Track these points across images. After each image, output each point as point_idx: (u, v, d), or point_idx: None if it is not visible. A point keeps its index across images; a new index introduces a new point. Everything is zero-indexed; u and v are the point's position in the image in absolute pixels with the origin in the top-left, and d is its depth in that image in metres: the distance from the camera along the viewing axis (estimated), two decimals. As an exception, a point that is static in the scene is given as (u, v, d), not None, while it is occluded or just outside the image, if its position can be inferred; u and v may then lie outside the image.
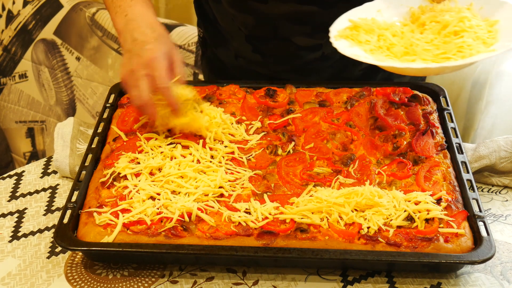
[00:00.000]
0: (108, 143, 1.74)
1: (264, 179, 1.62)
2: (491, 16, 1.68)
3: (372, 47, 1.67)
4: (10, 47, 3.05)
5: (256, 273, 1.52)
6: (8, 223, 1.68)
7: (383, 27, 1.71)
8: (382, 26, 1.71)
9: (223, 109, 1.81)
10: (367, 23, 1.71)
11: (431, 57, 1.61)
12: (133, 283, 1.50)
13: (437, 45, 1.64)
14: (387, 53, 1.66)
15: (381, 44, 1.67)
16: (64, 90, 2.96)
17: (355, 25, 1.71)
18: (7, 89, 3.07)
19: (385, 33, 1.69)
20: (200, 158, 1.65)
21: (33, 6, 3.02)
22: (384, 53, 1.66)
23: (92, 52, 2.89)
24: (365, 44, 1.67)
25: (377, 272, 1.52)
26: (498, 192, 1.74)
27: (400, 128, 1.73)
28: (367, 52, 1.65)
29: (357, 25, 1.70)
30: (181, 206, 1.51)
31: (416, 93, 1.84)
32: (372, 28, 1.69)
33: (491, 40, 1.63)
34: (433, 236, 1.45)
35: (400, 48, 1.65)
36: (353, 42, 1.68)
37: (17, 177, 1.83)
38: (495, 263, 1.53)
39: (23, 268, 1.56)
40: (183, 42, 2.72)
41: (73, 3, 2.97)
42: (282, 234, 1.47)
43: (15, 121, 3.09)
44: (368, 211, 1.50)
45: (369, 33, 1.69)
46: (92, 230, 1.49)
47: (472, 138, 2.32)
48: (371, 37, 1.69)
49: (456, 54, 1.60)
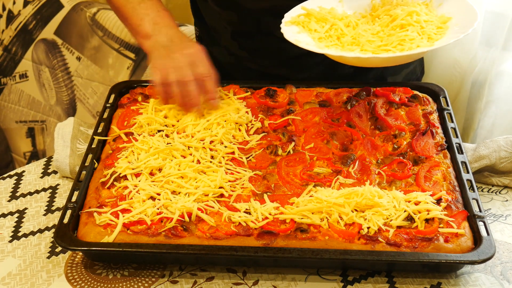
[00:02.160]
0: (108, 143, 1.74)
1: (264, 179, 1.62)
2: (448, 13, 1.71)
3: (321, 36, 1.70)
4: (11, 47, 3.05)
5: (256, 273, 1.52)
6: (8, 223, 1.68)
7: (337, 17, 1.74)
8: (338, 16, 1.74)
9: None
10: (321, 12, 1.74)
11: (372, 48, 1.64)
12: (133, 283, 1.50)
13: (382, 37, 1.68)
14: (335, 42, 1.69)
15: (332, 33, 1.71)
16: (64, 90, 2.96)
17: (308, 13, 1.74)
18: (7, 89, 3.07)
19: (338, 23, 1.72)
20: (200, 158, 1.65)
21: (34, 6, 3.02)
22: (332, 42, 1.69)
23: (92, 52, 2.89)
24: (315, 32, 1.71)
25: (377, 272, 1.52)
26: (498, 192, 1.74)
27: (400, 128, 1.73)
28: (314, 40, 1.68)
29: (309, 13, 1.74)
30: (181, 206, 1.51)
31: (416, 93, 1.84)
32: (325, 18, 1.73)
33: (438, 36, 1.66)
34: (433, 236, 1.45)
35: (348, 38, 1.69)
36: (303, 29, 1.72)
37: (17, 177, 1.83)
38: (495, 263, 1.53)
39: (23, 268, 1.56)
40: (183, 42, 2.72)
41: (74, 3, 2.97)
42: (282, 234, 1.47)
43: (16, 121, 3.08)
44: (368, 211, 1.50)
45: (320, 22, 1.73)
46: (92, 230, 1.49)
47: (472, 138, 2.31)
48: (322, 26, 1.72)
49: (396, 47, 1.63)
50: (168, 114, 1.78)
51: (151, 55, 1.78)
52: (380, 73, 2.06)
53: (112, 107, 1.86)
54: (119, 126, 1.78)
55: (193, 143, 1.69)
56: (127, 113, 1.81)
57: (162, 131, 1.74)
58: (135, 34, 1.86)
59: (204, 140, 1.70)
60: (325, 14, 1.74)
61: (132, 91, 1.90)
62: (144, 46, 1.82)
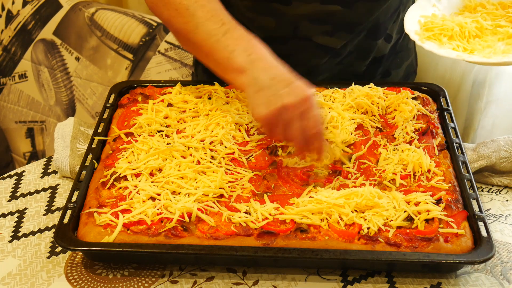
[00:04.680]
0: (108, 143, 1.74)
1: (264, 180, 1.62)
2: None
3: (457, 44, 1.66)
4: (10, 47, 3.05)
5: (256, 273, 1.52)
6: (8, 223, 1.68)
7: (454, 22, 1.71)
8: (450, 20, 1.72)
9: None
10: (439, 21, 1.71)
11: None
12: (133, 283, 1.50)
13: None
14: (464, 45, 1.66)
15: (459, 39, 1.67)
16: (63, 90, 2.96)
17: (429, 28, 1.71)
18: (6, 89, 3.07)
19: (457, 27, 1.68)
20: (200, 159, 1.65)
21: (33, 6, 3.02)
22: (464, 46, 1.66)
23: (91, 52, 2.89)
24: (449, 44, 1.66)
25: (377, 272, 1.52)
26: (498, 192, 1.74)
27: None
28: (456, 50, 1.65)
29: (430, 28, 1.70)
30: (181, 207, 1.51)
31: (416, 93, 1.84)
32: (447, 26, 1.69)
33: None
34: (433, 236, 1.45)
35: (477, 40, 1.66)
36: (439, 43, 1.67)
37: (17, 177, 1.83)
38: (495, 263, 1.54)
39: (23, 268, 1.56)
40: (182, 42, 2.71)
41: (72, 3, 2.97)
42: (282, 234, 1.47)
43: (15, 121, 3.08)
44: (368, 211, 1.50)
45: (443, 31, 1.69)
46: (92, 230, 1.49)
47: (472, 138, 2.31)
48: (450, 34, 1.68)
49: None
50: (169, 114, 1.78)
51: (249, 93, 1.54)
52: (386, 69, 2.06)
53: (112, 107, 1.85)
54: (119, 126, 1.77)
55: (193, 144, 1.69)
56: (127, 113, 1.81)
57: (162, 131, 1.74)
58: (224, 70, 1.60)
59: (204, 141, 1.70)
60: (444, 23, 1.71)
61: (132, 91, 1.90)
62: (237, 83, 1.57)
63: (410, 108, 1.77)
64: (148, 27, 2.79)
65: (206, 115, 1.79)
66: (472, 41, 1.67)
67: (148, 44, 2.76)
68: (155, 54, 2.74)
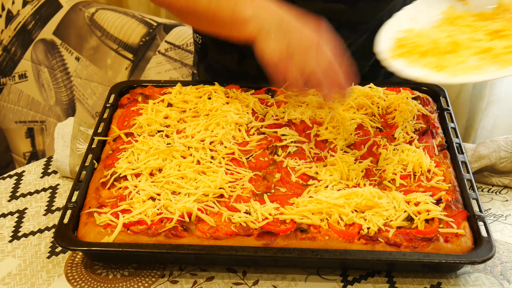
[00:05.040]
0: (108, 143, 1.74)
1: (264, 180, 1.62)
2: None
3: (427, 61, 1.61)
4: (10, 47, 3.05)
5: (256, 273, 1.52)
6: (8, 223, 1.68)
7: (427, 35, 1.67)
8: (426, 35, 1.67)
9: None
10: (413, 37, 1.67)
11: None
12: (133, 283, 1.50)
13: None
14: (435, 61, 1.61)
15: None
16: (63, 90, 2.96)
17: (401, 43, 1.67)
18: (7, 89, 3.07)
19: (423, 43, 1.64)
20: (200, 159, 1.65)
21: (33, 6, 3.02)
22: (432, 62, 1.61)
23: (91, 52, 2.89)
24: (419, 61, 1.61)
25: (377, 272, 1.52)
26: (498, 192, 1.74)
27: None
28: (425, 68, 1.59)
29: (403, 43, 1.66)
30: (181, 207, 1.51)
31: (416, 93, 1.84)
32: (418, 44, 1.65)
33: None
34: (433, 236, 1.45)
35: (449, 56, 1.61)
36: (409, 60, 1.62)
37: (17, 177, 1.83)
38: (495, 263, 1.54)
39: (23, 268, 1.56)
40: (181, 42, 2.72)
41: (72, 3, 2.97)
42: (282, 234, 1.47)
43: (15, 121, 3.08)
44: (368, 212, 1.50)
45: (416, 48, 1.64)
46: (92, 230, 1.49)
47: (473, 138, 2.32)
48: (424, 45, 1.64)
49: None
50: (169, 114, 1.78)
51: (258, 39, 1.53)
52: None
53: (112, 107, 1.85)
54: (119, 126, 1.77)
55: (193, 144, 1.69)
56: (127, 114, 1.81)
57: (162, 131, 1.74)
58: (230, 27, 1.59)
59: (204, 141, 1.70)
60: (417, 40, 1.66)
61: (132, 91, 1.90)
62: (245, 34, 1.55)
63: (410, 108, 1.77)
64: (148, 27, 2.79)
65: (206, 115, 1.79)
66: (446, 56, 1.61)
67: (148, 44, 2.76)
68: (155, 54, 2.74)
